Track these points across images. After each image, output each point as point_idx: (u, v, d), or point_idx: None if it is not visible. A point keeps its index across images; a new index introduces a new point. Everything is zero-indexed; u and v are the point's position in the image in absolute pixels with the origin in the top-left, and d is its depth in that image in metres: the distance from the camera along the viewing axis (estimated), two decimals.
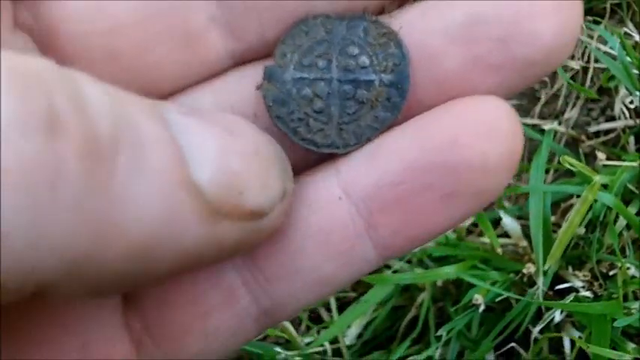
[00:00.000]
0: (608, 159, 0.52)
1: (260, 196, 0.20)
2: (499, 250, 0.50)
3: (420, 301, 0.53)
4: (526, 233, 0.52)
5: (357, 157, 0.24)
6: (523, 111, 0.63)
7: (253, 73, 0.25)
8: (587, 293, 0.47)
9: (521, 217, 0.54)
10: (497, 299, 0.48)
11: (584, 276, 0.49)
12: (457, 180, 0.23)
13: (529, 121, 0.61)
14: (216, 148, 0.19)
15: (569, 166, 0.46)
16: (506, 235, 0.54)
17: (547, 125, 0.53)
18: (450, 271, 0.48)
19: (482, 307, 0.47)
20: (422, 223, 0.23)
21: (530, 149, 0.57)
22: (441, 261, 0.52)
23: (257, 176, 0.20)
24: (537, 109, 0.62)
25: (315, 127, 0.24)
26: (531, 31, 0.22)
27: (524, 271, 0.48)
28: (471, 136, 0.22)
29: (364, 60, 0.24)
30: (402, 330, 0.54)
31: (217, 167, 0.19)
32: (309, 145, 0.25)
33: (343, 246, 0.24)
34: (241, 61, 0.25)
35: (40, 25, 0.23)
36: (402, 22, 0.24)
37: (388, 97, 0.24)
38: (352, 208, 0.24)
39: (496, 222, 0.54)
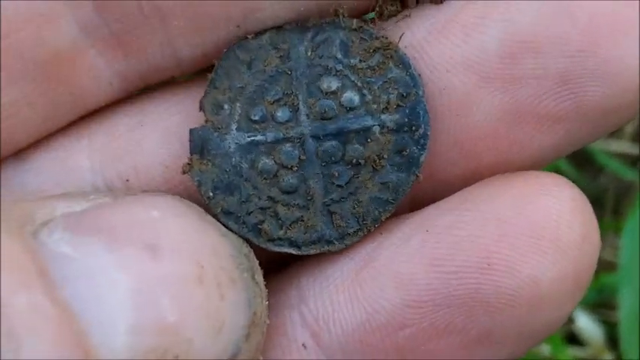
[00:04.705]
0: None
1: (212, 346, 0.16)
2: None
3: None
4: (611, 338, 0.41)
5: (330, 279, 0.20)
6: None
7: (157, 109, 0.21)
8: None
9: (603, 304, 0.43)
10: None
11: None
12: (493, 317, 0.18)
13: (615, 146, 0.52)
14: (130, 288, 0.16)
15: None
16: (577, 340, 0.43)
17: None
18: None
19: None
20: None
21: (618, 192, 0.49)
22: None
23: (204, 316, 0.16)
24: (628, 128, 0.54)
25: (289, 218, 0.19)
26: (610, 61, 0.17)
27: None
28: (515, 248, 0.18)
29: (351, 96, 0.19)
30: None
31: (135, 325, 0.15)
32: (282, 246, 0.20)
33: None
34: (141, 84, 0.21)
35: None
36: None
37: (400, 149, 0.19)
38: None
39: None
